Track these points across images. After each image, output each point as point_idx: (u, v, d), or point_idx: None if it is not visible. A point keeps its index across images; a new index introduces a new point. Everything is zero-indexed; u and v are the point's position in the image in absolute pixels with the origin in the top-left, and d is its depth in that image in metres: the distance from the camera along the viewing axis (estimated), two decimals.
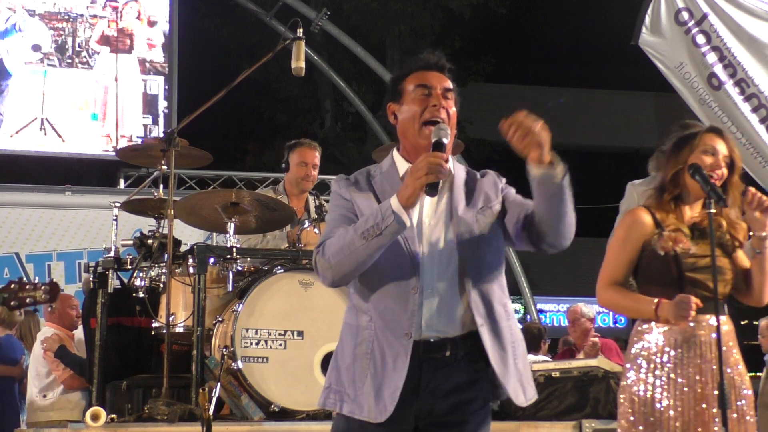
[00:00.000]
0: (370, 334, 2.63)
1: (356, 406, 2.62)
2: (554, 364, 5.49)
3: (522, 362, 2.69)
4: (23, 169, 12.01)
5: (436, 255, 2.63)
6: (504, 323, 2.65)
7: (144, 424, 4.57)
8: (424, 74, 2.81)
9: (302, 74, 4.97)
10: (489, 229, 2.69)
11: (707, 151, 3.30)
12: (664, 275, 3.23)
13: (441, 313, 2.61)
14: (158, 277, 5.24)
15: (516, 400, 2.67)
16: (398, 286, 2.61)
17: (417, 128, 2.72)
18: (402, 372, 2.56)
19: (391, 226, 2.51)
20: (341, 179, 2.79)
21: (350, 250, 2.56)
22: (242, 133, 18.23)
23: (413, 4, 16.39)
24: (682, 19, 6.56)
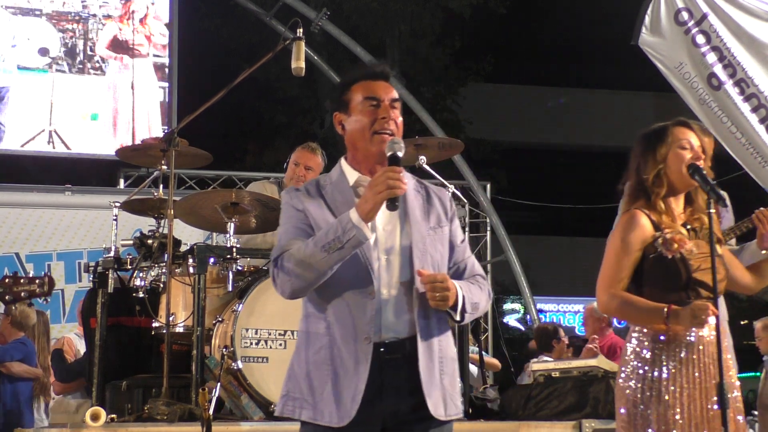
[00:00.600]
0: (328, 341, 2.68)
1: (317, 412, 2.66)
2: (554, 364, 5.49)
3: (449, 380, 2.75)
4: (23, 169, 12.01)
5: (392, 260, 2.71)
6: (436, 338, 2.72)
7: (144, 424, 4.57)
8: (371, 84, 2.81)
9: (302, 74, 4.97)
10: (439, 248, 2.78)
11: (683, 146, 3.27)
12: (673, 279, 3.18)
13: (397, 316, 2.69)
14: (158, 277, 5.24)
15: (434, 412, 2.70)
16: (355, 292, 2.67)
17: (368, 137, 2.76)
18: (363, 375, 2.62)
19: (353, 240, 2.59)
20: (291, 190, 2.83)
21: (310, 264, 2.62)
22: (242, 133, 18.23)
23: (413, 4, 16.40)
24: (682, 19, 6.56)
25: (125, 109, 10.63)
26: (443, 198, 2.88)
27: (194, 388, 4.70)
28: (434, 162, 5.67)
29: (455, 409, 2.77)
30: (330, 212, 2.74)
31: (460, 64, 18.76)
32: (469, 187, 11.93)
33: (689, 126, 3.34)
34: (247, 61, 11.93)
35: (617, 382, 3.30)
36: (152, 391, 4.86)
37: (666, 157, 3.27)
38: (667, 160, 3.28)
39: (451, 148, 6.03)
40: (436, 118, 13.18)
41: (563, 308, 22.82)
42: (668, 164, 3.28)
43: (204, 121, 5.56)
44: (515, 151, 21.32)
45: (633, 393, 3.20)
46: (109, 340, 5.17)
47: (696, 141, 3.29)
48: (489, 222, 12.01)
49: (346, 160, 2.85)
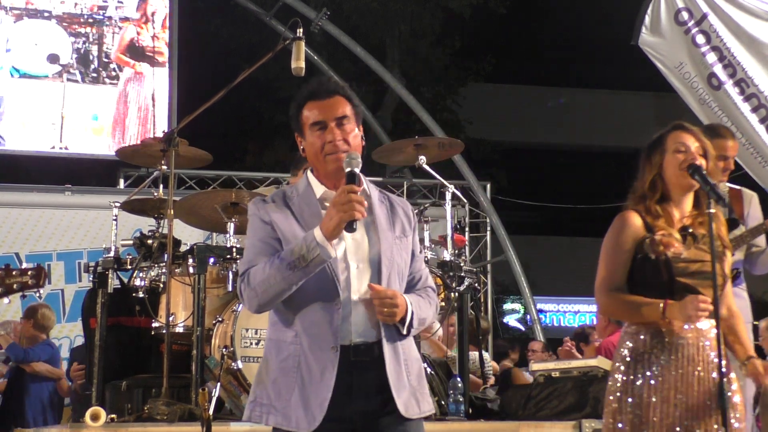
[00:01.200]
0: (296, 349, 2.76)
1: (284, 418, 2.73)
2: (554, 364, 5.49)
3: (415, 379, 2.85)
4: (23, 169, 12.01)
5: (362, 268, 2.79)
6: (399, 341, 2.81)
7: (144, 424, 4.57)
8: (316, 106, 2.89)
9: (302, 74, 4.96)
10: (404, 256, 2.88)
11: (678, 149, 3.29)
12: (656, 280, 3.21)
13: (366, 321, 2.77)
14: (158, 277, 5.24)
15: (406, 412, 2.78)
16: (322, 303, 2.75)
17: (322, 159, 2.84)
18: (330, 383, 2.70)
19: (317, 259, 2.67)
20: (258, 201, 2.89)
21: (276, 280, 2.71)
22: (242, 133, 18.22)
23: (413, 4, 16.39)
24: (682, 19, 6.56)
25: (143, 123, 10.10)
26: (406, 208, 2.97)
27: (194, 388, 4.70)
28: (434, 162, 5.67)
29: (427, 405, 2.86)
30: (297, 224, 2.81)
31: (460, 64, 18.75)
32: (469, 187, 11.93)
33: (686, 129, 3.35)
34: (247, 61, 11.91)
35: (608, 383, 3.32)
36: (152, 391, 4.86)
37: (661, 164, 3.31)
38: (663, 166, 3.31)
39: (451, 148, 6.03)
40: (436, 118, 13.18)
41: (563, 308, 22.82)
42: (664, 169, 3.31)
43: (204, 121, 5.56)
44: (515, 151, 21.31)
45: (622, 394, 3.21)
46: (109, 340, 5.18)
47: (693, 143, 3.30)
48: (489, 222, 12.01)
49: (312, 173, 2.93)
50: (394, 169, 12.74)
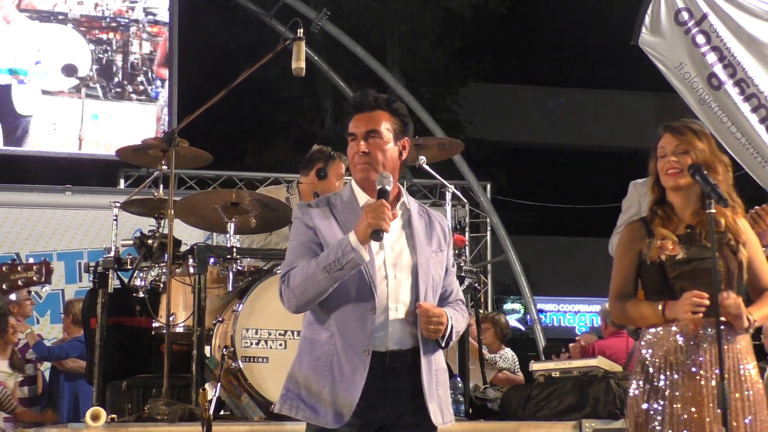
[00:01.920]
0: (329, 349, 2.90)
1: (313, 412, 2.88)
2: (554, 364, 5.49)
3: (443, 390, 3.00)
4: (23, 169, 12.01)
5: (400, 278, 2.93)
6: (432, 352, 2.96)
7: (144, 424, 4.57)
8: (354, 118, 3.04)
9: (302, 74, 4.96)
10: (439, 271, 3.02)
11: (660, 154, 3.34)
12: (654, 284, 3.27)
13: (402, 329, 2.91)
14: (158, 277, 5.23)
15: (434, 420, 2.92)
16: (358, 307, 2.89)
17: (353, 167, 3.02)
18: (360, 384, 2.84)
19: (351, 262, 2.81)
20: (303, 206, 3.04)
21: (313, 282, 2.85)
22: (242, 133, 18.23)
23: (413, 4, 16.39)
24: (682, 19, 6.56)
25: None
26: (443, 224, 3.11)
27: (194, 388, 4.69)
28: (434, 162, 5.67)
29: (450, 416, 3.01)
30: (341, 230, 2.94)
31: (460, 64, 18.75)
32: (469, 187, 11.93)
33: (668, 128, 3.37)
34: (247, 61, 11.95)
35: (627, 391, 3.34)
36: (152, 391, 4.86)
37: (654, 170, 3.37)
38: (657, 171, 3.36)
39: (451, 148, 6.03)
40: (436, 118, 13.18)
41: (563, 308, 22.80)
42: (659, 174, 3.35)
43: (204, 121, 5.56)
44: (515, 151, 21.31)
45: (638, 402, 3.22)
46: (109, 340, 5.17)
47: (671, 143, 3.31)
48: (489, 222, 12.01)
49: (356, 182, 3.06)
50: None
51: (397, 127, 3.02)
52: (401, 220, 3.00)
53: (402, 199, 3.00)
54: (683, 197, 3.32)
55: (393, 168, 3.00)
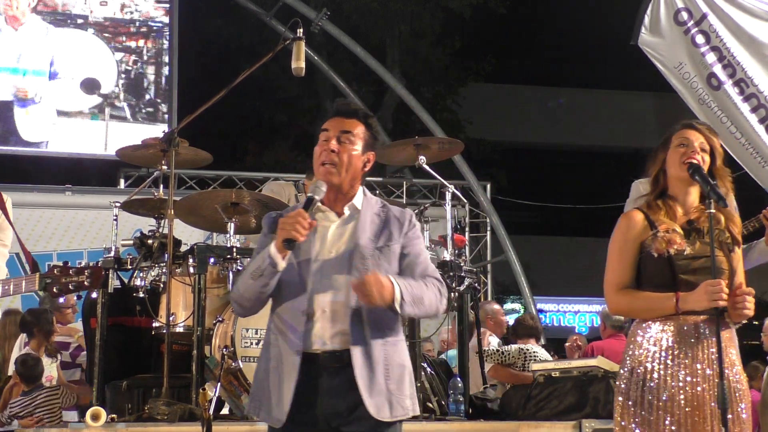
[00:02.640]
0: (276, 351, 3.01)
1: (266, 413, 3.00)
2: (554, 364, 5.49)
3: (395, 384, 2.99)
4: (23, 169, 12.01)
5: (331, 280, 2.98)
6: (378, 348, 2.97)
7: (144, 424, 4.57)
8: (331, 119, 3.12)
9: (302, 74, 4.97)
10: (384, 266, 3.00)
11: (681, 144, 3.31)
12: (659, 277, 3.21)
13: (333, 330, 2.96)
14: (158, 277, 5.24)
15: (377, 415, 2.93)
16: (294, 310, 2.98)
17: (317, 167, 3.07)
18: (292, 384, 2.93)
19: (267, 268, 2.92)
20: (268, 217, 3.13)
21: (245, 288, 3.00)
22: (242, 133, 18.24)
23: (413, 4, 16.39)
24: (682, 19, 6.56)
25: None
26: (402, 218, 3.10)
27: (194, 388, 4.70)
28: (434, 162, 5.67)
29: (401, 410, 3.00)
30: None
31: (460, 64, 18.76)
32: (469, 187, 11.94)
33: (693, 126, 3.36)
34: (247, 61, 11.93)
35: (617, 383, 3.32)
36: (152, 391, 4.86)
37: (664, 159, 3.33)
38: (666, 161, 3.33)
39: (451, 148, 6.03)
40: (436, 118, 13.19)
41: (563, 308, 22.81)
42: (667, 164, 3.33)
43: (204, 121, 5.56)
44: (515, 151, 21.31)
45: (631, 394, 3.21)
46: (109, 340, 5.17)
47: (698, 138, 3.31)
48: (489, 222, 12.02)
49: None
50: (394, 169, 12.75)
51: (368, 139, 3.10)
52: (347, 222, 3.05)
53: (352, 203, 3.06)
54: (688, 191, 3.31)
55: (354, 176, 3.07)
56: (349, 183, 3.06)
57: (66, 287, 3.33)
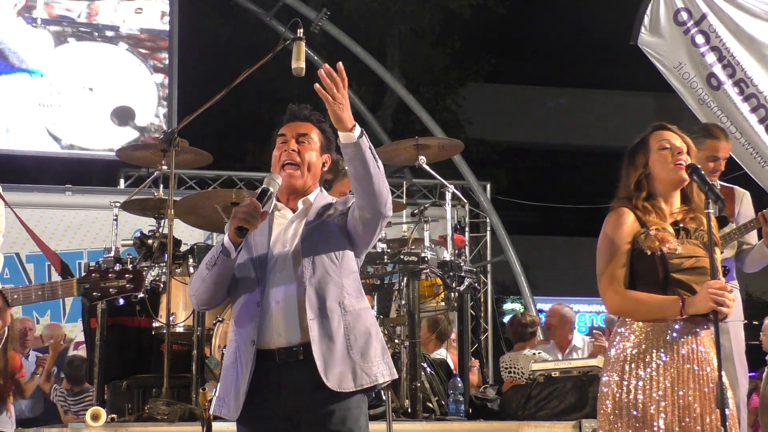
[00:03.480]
0: (235, 346, 3.04)
1: (227, 409, 3.02)
2: (554, 364, 5.49)
3: (359, 353, 2.97)
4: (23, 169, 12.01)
5: (282, 272, 3.01)
6: (336, 318, 2.96)
7: (144, 423, 4.57)
8: (286, 125, 3.23)
9: (302, 74, 4.96)
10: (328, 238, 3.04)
11: (663, 146, 3.32)
12: (650, 275, 3.20)
13: (288, 324, 2.96)
14: (158, 277, 5.24)
15: (338, 388, 2.91)
16: (248, 302, 3.01)
17: (278, 169, 3.14)
18: (247, 376, 2.93)
19: (220, 257, 2.96)
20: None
21: (200, 279, 3.05)
22: (242, 133, 18.22)
23: (413, 4, 16.39)
24: (681, 19, 6.56)
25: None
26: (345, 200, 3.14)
27: (194, 388, 4.70)
28: (434, 162, 5.68)
29: (368, 378, 2.97)
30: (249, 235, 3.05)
31: (460, 64, 18.75)
32: (469, 187, 11.93)
33: (667, 128, 3.39)
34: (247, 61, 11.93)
35: (601, 382, 3.31)
36: (152, 391, 4.87)
37: (647, 163, 3.34)
38: (650, 165, 3.33)
39: (451, 148, 6.04)
40: (436, 118, 13.18)
41: None
42: (652, 167, 3.33)
43: (204, 121, 5.57)
44: (515, 151, 21.30)
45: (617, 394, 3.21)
46: (109, 340, 5.18)
47: (676, 140, 3.33)
48: (489, 222, 12.01)
49: None
50: (394, 169, 12.74)
51: (323, 141, 3.21)
52: (300, 217, 3.10)
53: (307, 197, 3.13)
54: (673, 194, 3.32)
55: (315, 175, 3.16)
56: (309, 183, 3.15)
57: (106, 292, 3.19)
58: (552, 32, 20.13)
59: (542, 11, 19.73)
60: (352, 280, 3.06)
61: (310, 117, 3.23)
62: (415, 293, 5.10)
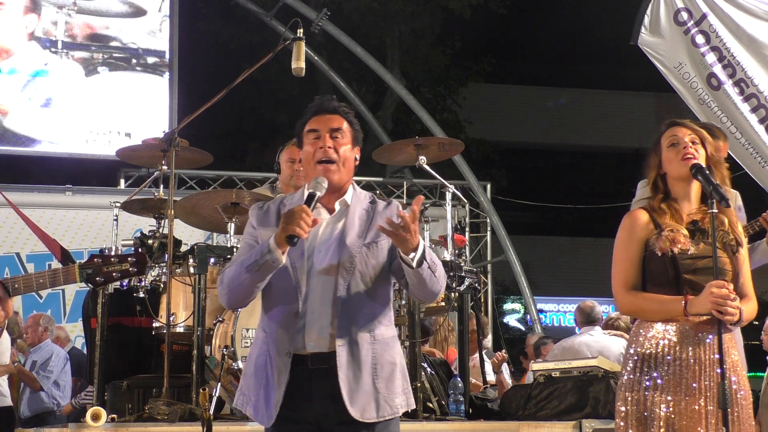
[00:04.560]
0: (265, 349, 2.99)
1: (254, 410, 2.99)
2: (554, 364, 5.48)
3: (384, 384, 2.96)
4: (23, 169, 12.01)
5: (320, 281, 2.94)
6: (366, 347, 2.94)
7: (144, 424, 4.57)
8: (314, 119, 3.10)
9: (302, 74, 4.97)
10: (372, 263, 2.99)
11: (672, 143, 3.31)
12: (662, 276, 3.21)
13: (321, 332, 2.92)
14: (158, 277, 5.24)
15: (361, 418, 2.91)
16: (283, 310, 2.95)
17: (312, 166, 3.03)
18: (282, 387, 2.91)
19: (266, 264, 2.87)
20: (254, 208, 3.13)
21: (238, 281, 2.94)
22: (242, 133, 18.22)
23: (413, 4, 16.40)
24: (681, 19, 6.56)
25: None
26: (390, 213, 3.03)
27: (194, 388, 4.70)
28: (434, 162, 5.67)
29: (389, 410, 2.96)
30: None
31: (460, 64, 18.76)
32: (469, 187, 11.94)
33: (677, 123, 3.37)
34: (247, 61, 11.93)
35: (618, 383, 3.31)
36: (152, 391, 4.86)
37: (658, 163, 3.34)
38: (663, 164, 3.33)
39: (451, 148, 6.03)
40: (436, 118, 13.19)
41: (563, 308, 22.80)
42: (665, 166, 3.33)
43: (204, 121, 5.57)
44: (515, 151, 21.31)
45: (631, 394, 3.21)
46: (109, 340, 5.17)
47: (686, 133, 3.31)
48: (489, 222, 12.02)
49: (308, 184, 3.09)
50: (394, 169, 12.75)
51: (353, 134, 3.11)
52: (338, 219, 3.02)
53: (343, 198, 3.04)
54: (689, 191, 3.31)
55: (349, 170, 3.07)
56: (345, 179, 3.04)
57: (110, 276, 3.14)
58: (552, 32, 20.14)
59: (542, 11, 19.75)
60: (385, 308, 3.02)
61: (338, 109, 3.11)
62: None
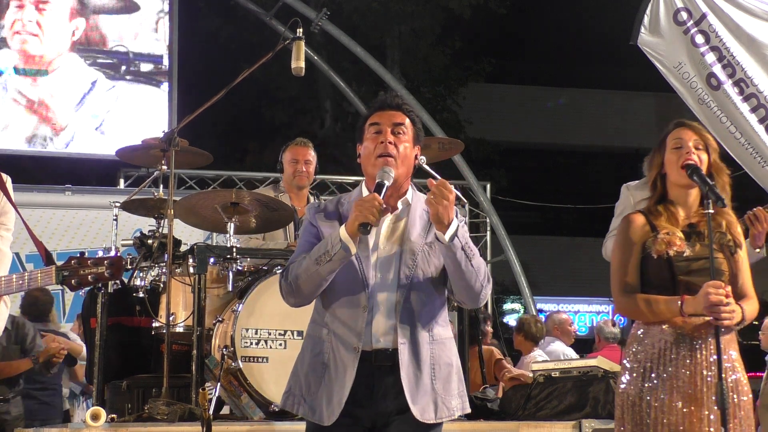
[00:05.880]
0: (327, 347, 2.97)
1: (310, 409, 2.96)
2: (554, 364, 5.48)
3: (442, 384, 2.98)
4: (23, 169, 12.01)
5: (385, 276, 2.96)
6: (425, 347, 2.96)
7: (144, 424, 4.57)
8: (377, 113, 3.10)
9: (302, 74, 4.97)
10: (434, 262, 3.00)
11: (676, 145, 3.31)
12: (659, 278, 3.22)
13: (386, 327, 2.94)
14: (158, 277, 5.24)
15: (421, 418, 2.92)
16: (351, 304, 2.95)
17: (373, 161, 3.02)
18: (349, 383, 2.90)
19: (339, 253, 2.85)
20: (312, 207, 3.12)
21: (307, 275, 2.92)
22: (242, 133, 18.23)
23: (413, 4, 16.40)
24: (681, 19, 6.55)
25: None
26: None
27: (194, 388, 4.70)
28: (434, 162, 5.67)
29: (447, 411, 2.98)
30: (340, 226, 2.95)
31: (460, 64, 18.76)
32: (469, 187, 11.94)
33: (685, 124, 3.37)
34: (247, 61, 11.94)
35: (617, 386, 3.32)
36: (152, 391, 4.86)
37: (660, 163, 3.34)
38: (665, 165, 3.33)
39: (451, 148, 6.04)
40: (436, 118, 13.18)
41: (563, 308, 22.77)
42: (666, 168, 3.33)
43: (204, 121, 5.57)
44: (515, 151, 21.31)
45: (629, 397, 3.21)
46: (109, 340, 5.17)
47: (691, 137, 3.31)
48: (489, 222, 12.02)
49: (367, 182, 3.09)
50: None
51: (415, 132, 3.13)
52: (400, 218, 3.03)
53: (405, 197, 3.05)
54: (687, 194, 3.31)
55: (408, 168, 3.07)
56: (404, 177, 3.05)
57: (85, 279, 3.12)
58: (552, 32, 20.14)
59: (542, 11, 19.74)
60: (443, 309, 3.05)
61: (402, 106, 3.12)
62: None
